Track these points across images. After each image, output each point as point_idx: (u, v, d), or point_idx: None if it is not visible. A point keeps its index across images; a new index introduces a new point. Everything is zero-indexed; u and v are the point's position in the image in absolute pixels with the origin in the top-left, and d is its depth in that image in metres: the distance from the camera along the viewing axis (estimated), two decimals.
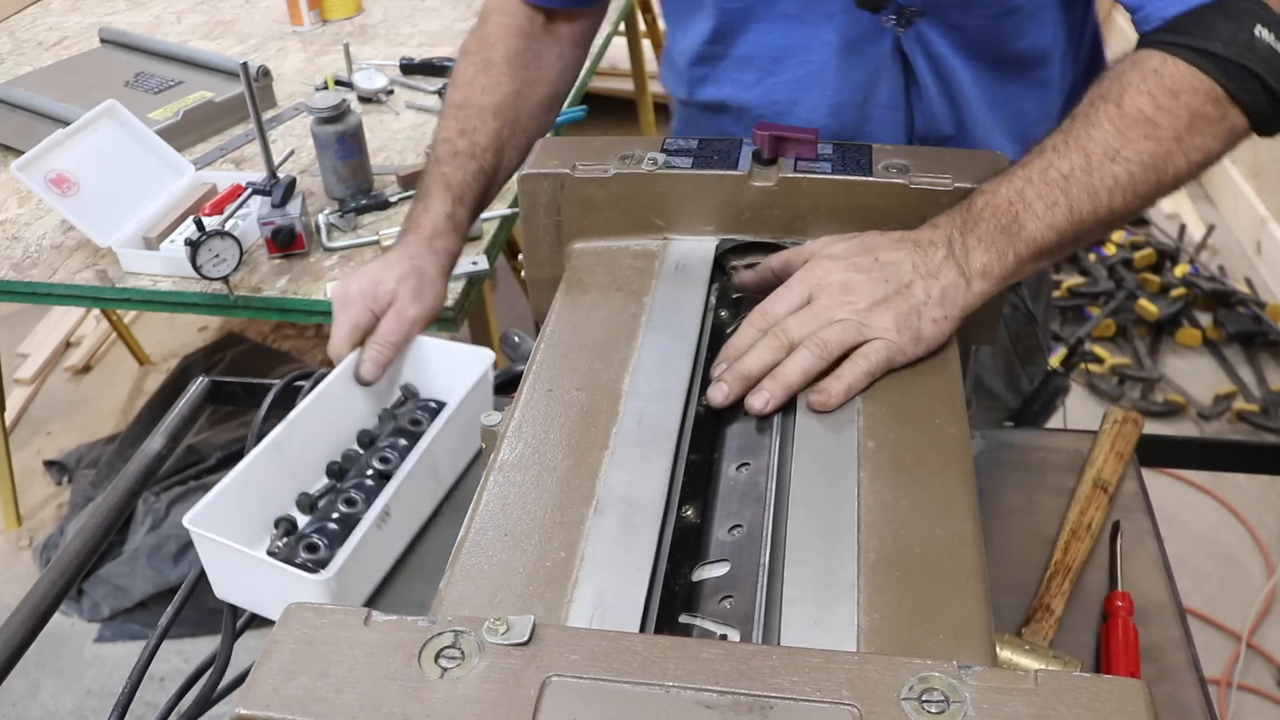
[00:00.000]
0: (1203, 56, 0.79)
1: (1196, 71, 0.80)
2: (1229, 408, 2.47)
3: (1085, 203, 0.78)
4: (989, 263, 0.77)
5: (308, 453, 0.95)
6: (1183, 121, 0.79)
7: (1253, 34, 0.79)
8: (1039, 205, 0.78)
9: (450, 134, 1.08)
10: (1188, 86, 0.79)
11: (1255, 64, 0.78)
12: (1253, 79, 0.79)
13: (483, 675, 0.51)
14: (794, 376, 0.73)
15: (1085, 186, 0.78)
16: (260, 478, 0.89)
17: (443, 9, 2.39)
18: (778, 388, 0.73)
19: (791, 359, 0.73)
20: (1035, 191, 0.78)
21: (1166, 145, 0.79)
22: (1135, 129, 0.79)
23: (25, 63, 2.21)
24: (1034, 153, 0.81)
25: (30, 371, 2.75)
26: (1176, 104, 0.79)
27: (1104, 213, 0.78)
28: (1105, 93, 0.81)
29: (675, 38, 1.12)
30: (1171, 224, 3.14)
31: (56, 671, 2.05)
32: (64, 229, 1.66)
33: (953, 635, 0.57)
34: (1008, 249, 0.77)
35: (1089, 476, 1.00)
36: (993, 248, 0.77)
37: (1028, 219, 0.78)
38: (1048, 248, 0.78)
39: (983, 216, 0.78)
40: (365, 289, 1.00)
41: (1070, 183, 0.78)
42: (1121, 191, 0.78)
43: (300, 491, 0.94)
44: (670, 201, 0.89)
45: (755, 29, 1.03)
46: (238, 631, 0.91)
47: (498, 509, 0.66)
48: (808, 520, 0.65)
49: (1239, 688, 1.92)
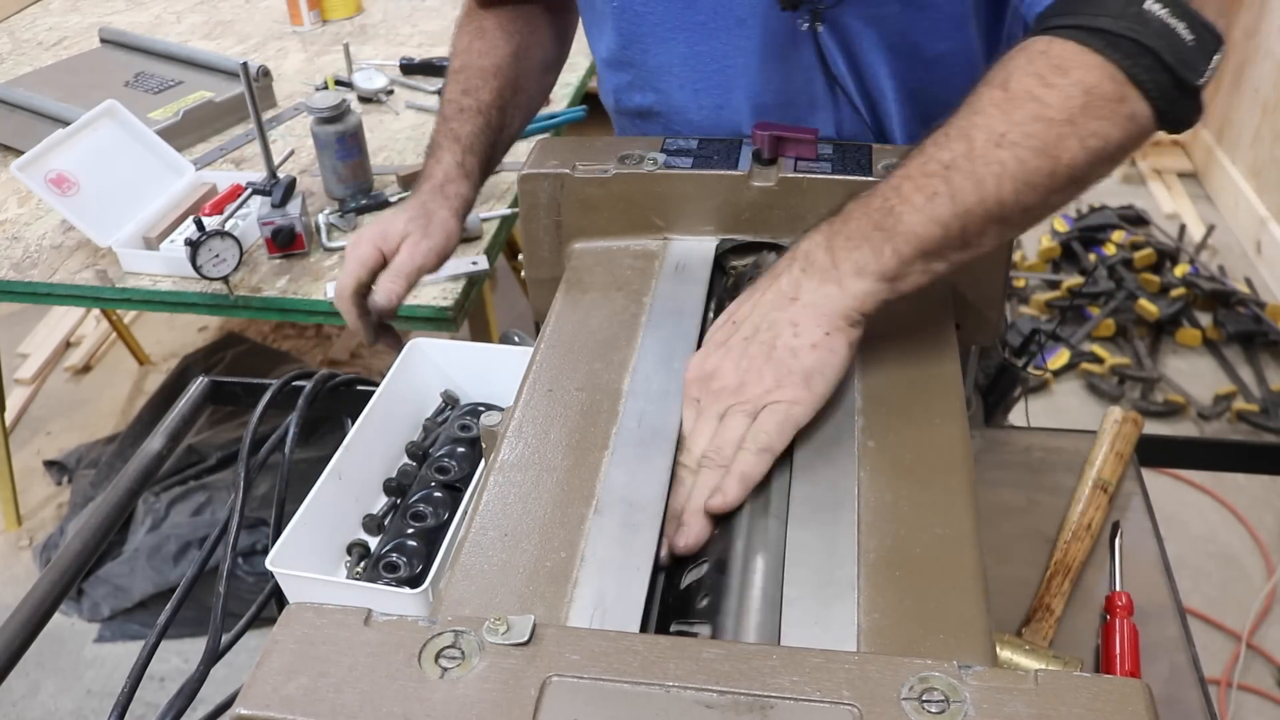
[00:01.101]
0: (1091, 34, 0.72)
1: (1086, 49, 0.72)
2: (1229, 408, 2.47)
3: (970, 192, 0.70)
4: (862, 259, 0.71)
5: (364, 474, 0.95)
6: (1075, 101, 0.71)
7: (1142, 7, 0.72)
8: (917, 197, 0.71)
9: (454, 95, 1.09)
10: (1079, 64, 0.72)
11: (1148, 38, 0.71)
12: (1147, 54, 0.71)
13: (483, 675, 0.51)
14: (700, 499, 0.68)
15: (969, 174, 0.71)
16: (326, 507, 0.89)
17: (443, 9, 2.39)
18: (691, 517, 0.67)
19: (696, 483, 0.69)
20: (913, 185, 0.72)
21: (1058, 128, 0.71)
22: (1022, 110, 0.71)
23: (25, 63, 2.21)
24: (915, 150, 0.74)
25: (30, 371, 2.75)
26: (1067, 81, 0.71)
27: (992, 203, 0.71)
28: (990, 79, 0.74)
29: (594, 48, 1.10)
30: (1171, 224, 3.14)
31: (56, 671, 2.05)
32: (64, 229, 1.66)
33: (953, 635, 0.57)
34: (883, 244, 0.71)
35: (1089, 476, 1.00)
36: (864, 244, 0.71)
37: (904, 211, 0.71)
38: (932, 243, 0.71)
39: (852, 216, 0.73)
40: (375, 233, 1.01)
41: (952, 171, 0.71)
42: (1010, 179, 0.70)
43: (364, 514, 0.93)
44: (670, 201, 0.89)
45: (665, 38, 1.00)
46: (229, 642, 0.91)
47: (498, 509, 0.66)
48: (808, 520, 0.65)
49: (1239, 688, 1.92)
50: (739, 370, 0.71)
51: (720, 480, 0.68)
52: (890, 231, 0.71)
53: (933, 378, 0.75)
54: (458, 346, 1.05)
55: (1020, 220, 0.73)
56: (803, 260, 0.73)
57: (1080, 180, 0.73)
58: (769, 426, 0.69)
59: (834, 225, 0.74)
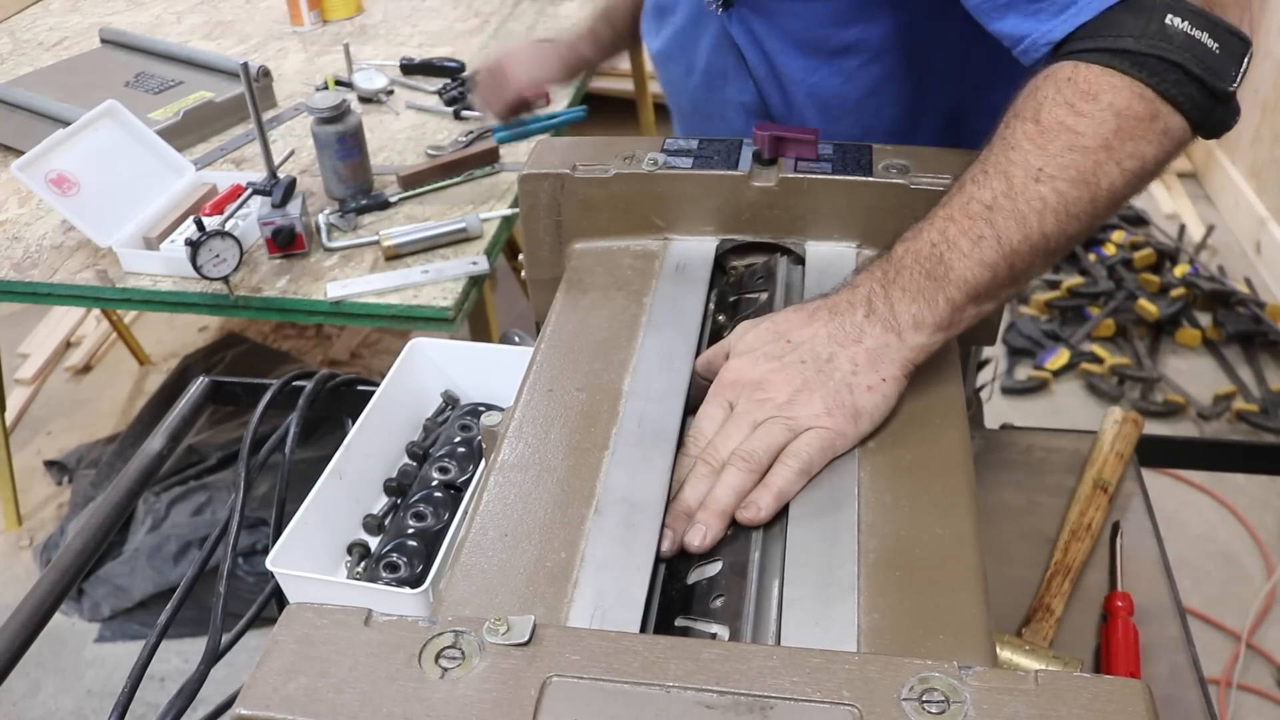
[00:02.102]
0: (1116, 56, 0.73)
1: (1113, 71, 0.73)
2: (1229, 408, 2.47)
3: (1014, 231, 0.72)
4: (919, 313, 0.72)
5: (364, 474, 0.94)
6: (1108, 127, 0.72)
7: (1164, 23, 0.73)
8: (964, 242, 0.72)
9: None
10: (1107, 87, 0.73)
11: (1172, 53, 0.72)
12: (1174, 69, 0.72)
13: (483, 675, 0.51)
14: (725, 500, 0.67)
15: (1011, 214, 0.72)
16: (327, 507, 0.88)
17: (443, 9, 2.39)
18: (710, 517, 0.67)
19: (720, 481, 0.68)
20: (959, 229, 0.72)
21: (1094, 155, 0.72)
22: (1056, 142, 0.72)
23: (26, 63, 2.21)
24: (954, 188, 0.75)
25: (30, 371, 2.75)
26: (1097, 107, 0.72)
27: (1037, 238, 0.72)
28: (1020, 111, 0.75)
29: None
30: (1171, 224, 3.14)
31: (56, 671, 2.05)
32: (64, 229, 1.66)
33: (953, 635, 0.57)
34: (937, 294, 0.72)
35: (1089, 476, 1.00)
36: (919, 296, 0.72)
37: (954, 259, 0.72)
38: (982, 286, 0.72)
39: (904, 265, 0.73)
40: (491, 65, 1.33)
41: (995, 212, 0.72)
42: (1053, 213, 0.72)
43: (365, 514, 0.93)
44: (670, 201, 0.89)
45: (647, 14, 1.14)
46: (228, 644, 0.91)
47: (498, 509, 0.66)
48: (808, 520, 0.65)
49: (1239, 688, 1.92)
50: (790, 387, 0.71)
51: (754, 492, 0.67)
52: (942, 280, 0.72)
53: (933, 378, 0.75)
54: (458, 346, 1.05)
55: (1065, 248, 0.74)
56: (865, 306, 0.73)
57: (1121, 200, 0.74)
58: (813, 448, 0.68)
59: (889, 273, 0.74)
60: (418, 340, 1.04)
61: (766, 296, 0.85)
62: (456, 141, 1.81)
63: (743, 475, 0.68)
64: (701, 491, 0.68)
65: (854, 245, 0.88)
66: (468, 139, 1.81)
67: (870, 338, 0.72)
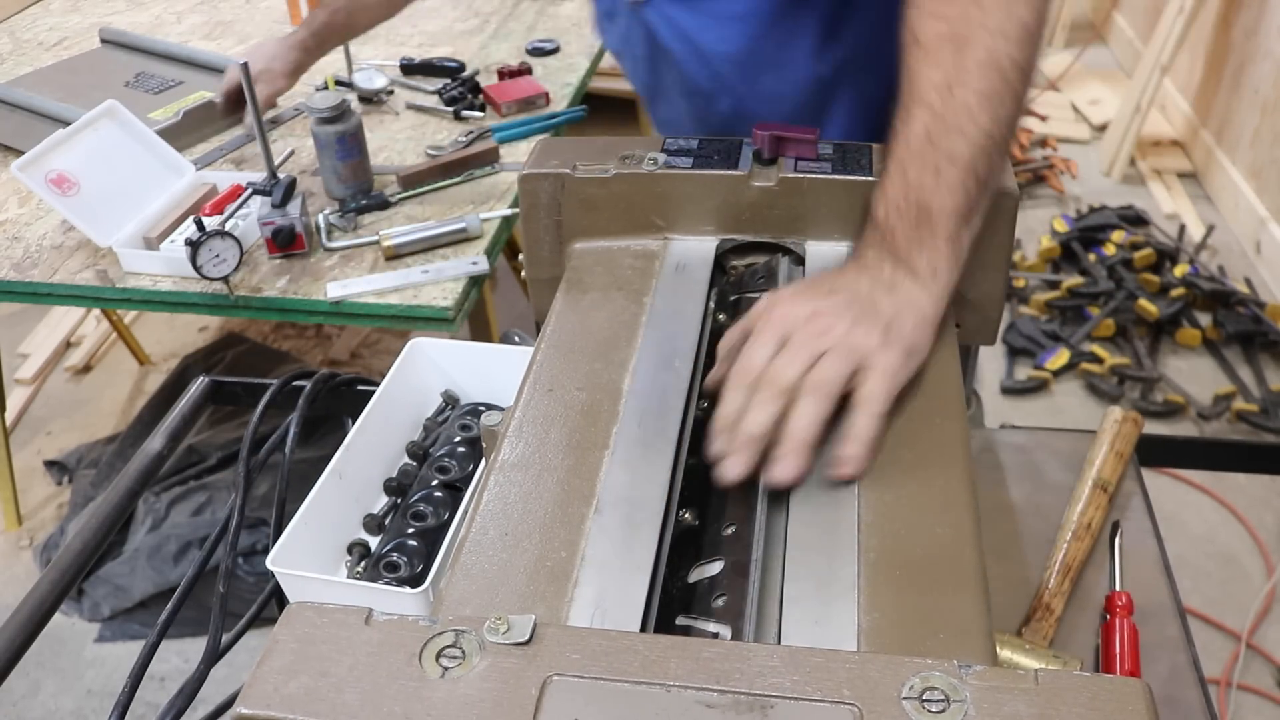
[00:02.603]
0: None
1: None
2: (1229, 408, 2.47)
3: (961, 145, 0.75)
4: (931, 259, 0.75)
5: (364, 474, 0.95)
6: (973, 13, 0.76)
7: None
8: (927, 179, 0.75)
9: None
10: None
11: None
12: None
13: (484, 675, 0.51)
14: (810, 432, 0.67)
15: (949, 132, 0.75)
16: (327, 507, 0.89)
17: (443, 9, 2.39)
18: (795, 452, 0.67)
19: (798, 414, 0.68)
20: (916, 169, 0.76)
21: (981, 44, 0.75)
22: (943, 51, 0.76)
23: (26, 63, 2.21)
24: (892, 136, 0.78)
25: (30, 371, 2.75)
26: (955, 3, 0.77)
27: (983, 140, 0.75)
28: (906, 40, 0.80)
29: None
30: (1171, 224, 3.14)
31: (56, 671, 2.05)
32: (64, 229, 1.66)
33: (953, 635, 0.57)
34: (934, 238, 0.75)
35: (1089, 476, 1.00)
36: (922, 246, 0.75)
37: (928, 199, 0.75)
38: (963, 208, 0.75)
39: (892, 224, 0.76)
40: None
41: (935, 139, 0.75)
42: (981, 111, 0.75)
43: (365, 513, 0.93)
44: (671, 201, 0.89)
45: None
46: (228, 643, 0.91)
47: (498, 508, 0.66)
48: (808, 520, 0.65)
49: (1239, 688, 1.92)
50: (846, 319, 0.71)
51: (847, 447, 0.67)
52: (930, 223, 0.75)
53: (933, 378, 0.75)
54: (458, 346, 1.05)
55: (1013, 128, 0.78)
56: (888, 263, 0.76)
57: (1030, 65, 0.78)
58: (884, 389, 0.69)
59: (885, 236, 0.76)
60: (418, 340, 1.04)
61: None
62: (456, 141, 1.81)
63: (821, 405, 0.68)
64: (770, 415, 0.68)
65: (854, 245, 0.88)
66: (468, 139, 1.81)
67: (902, 287, 0.74)
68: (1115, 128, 3.45)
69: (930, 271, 0.74)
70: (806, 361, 0.70)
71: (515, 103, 1.89)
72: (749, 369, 0.71)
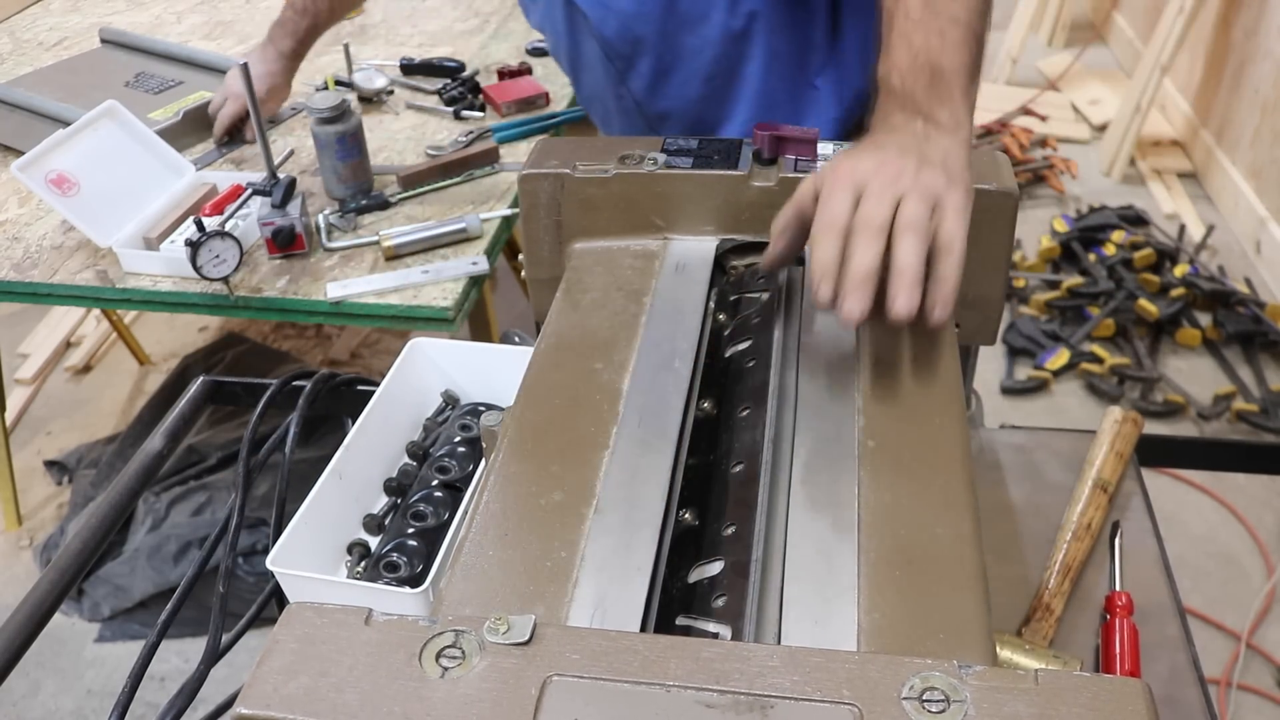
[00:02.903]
0: None
1: None
2: (1228, 408, 2.47)
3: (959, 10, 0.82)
4: (953, 111, 0.80)
5: (364, 474, 0.95)
6: None
7: None
8: (934, 41, 0.81)
9: None
10: None
11: None
12: None
13: (483, 675, 0.51)
14: (918, 267, 0.70)
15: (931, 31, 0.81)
16: (327, 507, 0.89)
17: (443, 9, 2.39)
18: (912, 285, 0.70)
19: (902, 251, 0.71)
20: (920, 35, 0.81)
21: None
22: None
23: (26, 63, 2.21)
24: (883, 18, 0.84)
25: (30, 371, 2.75)
26: None
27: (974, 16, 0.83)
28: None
29: None
30: (1171, 224, 3.14)
31: (56, 671, 2.05)
32: (64, 229, 1.66)
33: (953, 635, 0.57)
34: (950, 91, 0.80)
35: (1089, 476, 1.00)
36: (940, 101, 0.80)
37: (937, 58, 0.80)
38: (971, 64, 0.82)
39: (908, 88, 0.81)
40: None
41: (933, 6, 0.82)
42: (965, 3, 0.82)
43: (365, 513, 0.93)
44: (670, 201, 0.89)
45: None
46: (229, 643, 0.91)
47: (498, 508, 0.66)
48: (808, 520, 0.65)
49: (1239, 688, 1.92)
50: (911, 164, 0.74)
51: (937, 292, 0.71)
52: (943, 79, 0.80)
53: (933, 378, 0.75)
54: (458, 346, 1.05)
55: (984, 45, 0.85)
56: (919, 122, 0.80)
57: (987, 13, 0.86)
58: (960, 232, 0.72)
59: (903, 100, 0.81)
60: (418, 340, 1.04)
61: (767, 296, 0.85)
62: (456, 141, 1.81)
63: (922, 242, 0.71)
64: (875, 256, 0.70)
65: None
66: (468, 139, 1.81)
67: (934, 137, 0.78)
68: (1115, 128, 3.45)
69: (954, 123, 0.79)
70: (891, 204, 0.72)
71: (515, 103, 1.89)
72: (836, 219, 0.73)
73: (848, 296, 0.70)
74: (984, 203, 0.82)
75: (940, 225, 0.72)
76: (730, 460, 0.72)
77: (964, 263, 0.72)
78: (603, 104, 1.33)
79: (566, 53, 1.31)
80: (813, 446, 0.70)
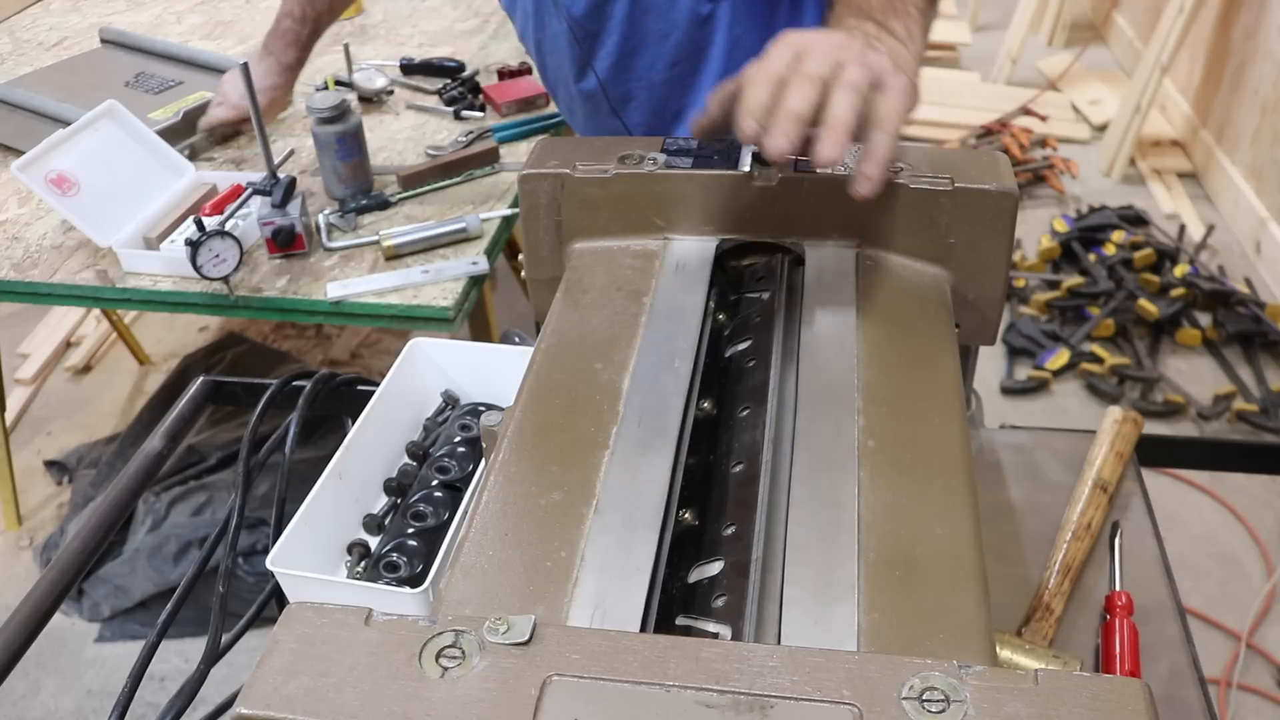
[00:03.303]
0: None
1: None
2: (1229, 408, 2.47)
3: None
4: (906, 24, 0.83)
5: (364, 474, 0.95)
6: None
7: None
8: None
9: None
10: None
11: None
12: None
13: (483, 675, 0.51)
14: (850, 119, 0.70)
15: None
16: (327, 507, 0.89)
17: (443, 9, 2.39)
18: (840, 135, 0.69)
19: (835, 102, 0.70)
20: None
21: None
22: None
23: (26, 63, 2.21)
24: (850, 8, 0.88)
25: (30, 371, 2.75)
26: None
27: None
28: None
29: None
30: (1171, 224, 3.14)
31: (56, 671, 2.05)
32: (64, 229, 1.66)
33: (953, 635, 0.57)
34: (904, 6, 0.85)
35: (1089, 476, 1.00)
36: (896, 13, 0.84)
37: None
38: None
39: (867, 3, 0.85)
40: None
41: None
42: None
43: (364, 513, 0.93)
44: (670, 201, 0.89)
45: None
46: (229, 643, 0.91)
47: (498, 509, 0.66)
48: (808, 520, 0.65)
49: (1239, 688, 1.92)
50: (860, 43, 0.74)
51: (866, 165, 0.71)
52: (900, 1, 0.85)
53: (933, 378, 0.75)
54: (458, 346, 1.05)
55: None
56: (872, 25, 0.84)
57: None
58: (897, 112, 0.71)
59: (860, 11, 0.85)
60: (418, 340, 1.04)
61: (767, 296, 0.85)
62: (456, 141, 1.81)
63: (855, 99, 0.70)
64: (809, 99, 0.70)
65: (854, 245, 0.88)
66: (468, 139, 1.81)
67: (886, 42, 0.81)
68: (1115, 128, 3.45)
69: (906, 35, 0.83)
70: (831, 66, 0.71)
71: (515, 103, 1.89)
72: (773, 69, 0.72)
73: (772, 131, 0.70)
74: (984, 203, 0.82)
75: (879, 100, 0.71)
76: (730, 460, 0.72)
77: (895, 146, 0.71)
78: (566, 88, 1.33)
79: (533, 35, 1.32)
80: (813, 446, 0.70)
